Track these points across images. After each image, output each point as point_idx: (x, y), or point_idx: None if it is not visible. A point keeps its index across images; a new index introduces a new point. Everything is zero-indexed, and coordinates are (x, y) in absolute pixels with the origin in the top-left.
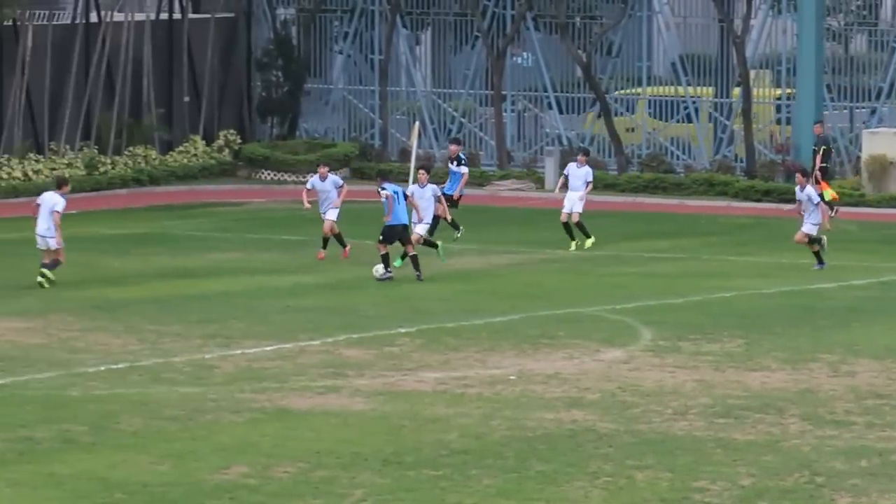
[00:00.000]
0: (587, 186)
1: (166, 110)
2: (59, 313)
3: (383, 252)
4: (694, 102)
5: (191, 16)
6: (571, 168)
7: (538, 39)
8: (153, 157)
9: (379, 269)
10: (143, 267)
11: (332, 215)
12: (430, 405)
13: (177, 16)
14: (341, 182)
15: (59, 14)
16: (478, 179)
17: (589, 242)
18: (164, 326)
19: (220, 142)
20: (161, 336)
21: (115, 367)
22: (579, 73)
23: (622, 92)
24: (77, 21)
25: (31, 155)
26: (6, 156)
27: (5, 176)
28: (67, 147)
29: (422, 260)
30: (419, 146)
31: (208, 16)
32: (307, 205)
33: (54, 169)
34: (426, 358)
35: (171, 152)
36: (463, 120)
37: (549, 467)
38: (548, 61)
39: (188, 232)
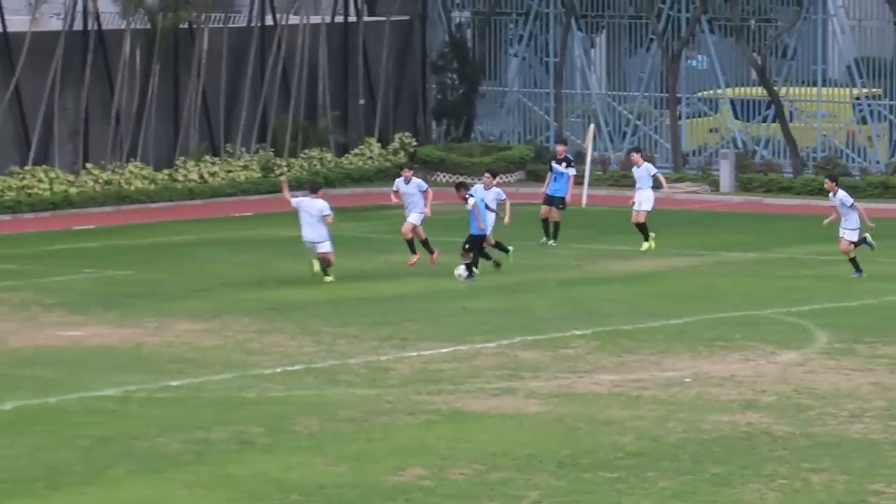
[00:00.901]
0: (651, 181)
1: (341, 113)
2: (234, 315)
3: (468, 261)
4: (869, 105)
5: (366, 18)
6: (634, 170)
7: (713, 42)
8: (328, 159)
9: (462, 271)
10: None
11: (414, 219)
12: (606, 407)
13: (352, 18)
14: (425, 186)
15: (234, 17)
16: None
17: (645, 245)
18: (339, 328)
19: (396, 144)
20: (337, 338)
21: (290, 368)
22: (754, 75)
23: (705, 93)
24: (252, 24)
25: (207, 157)
26: (182, 158)
27: (181, 178)
28: (243, 149)
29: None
30: (594, 149)
31: (383, 19)
32: (395, 200)
33: (230, 171)
34: (601, 360)
35: (346, 155)
36: (638, 122)
37: (724, 469)
38: (722, 64)
39: (363, 234)
